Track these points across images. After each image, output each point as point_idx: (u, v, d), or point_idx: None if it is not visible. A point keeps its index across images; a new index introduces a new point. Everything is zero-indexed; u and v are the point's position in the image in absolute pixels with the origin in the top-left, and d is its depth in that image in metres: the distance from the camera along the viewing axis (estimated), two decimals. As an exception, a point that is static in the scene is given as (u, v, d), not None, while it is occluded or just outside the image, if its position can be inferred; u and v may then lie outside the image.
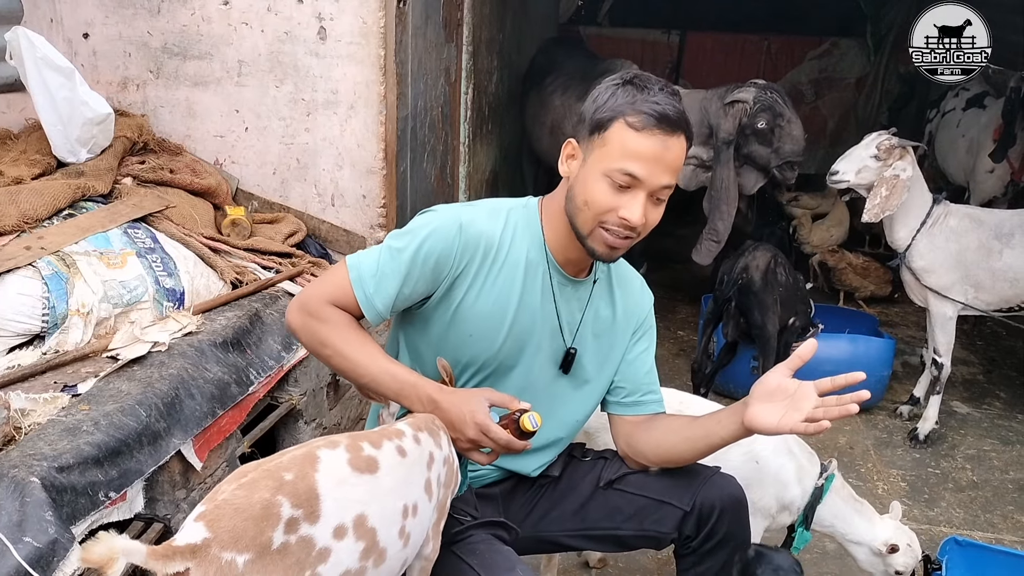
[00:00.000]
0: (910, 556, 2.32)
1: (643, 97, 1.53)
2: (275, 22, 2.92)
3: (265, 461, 1.22)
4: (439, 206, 1.68)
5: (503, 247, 1.64)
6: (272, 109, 3.02)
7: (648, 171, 1.52)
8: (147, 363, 1.97)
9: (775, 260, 3.71)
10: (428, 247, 1.57)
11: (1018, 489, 3.50)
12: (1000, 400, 4.39)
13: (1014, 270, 3.58)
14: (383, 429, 1.40)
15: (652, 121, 1.51)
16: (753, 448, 2.32)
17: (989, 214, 3.76)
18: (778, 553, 1.77)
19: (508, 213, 1.67)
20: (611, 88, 1.57)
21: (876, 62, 7.93)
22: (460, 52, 3.92)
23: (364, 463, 1.28)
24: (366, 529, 1.24)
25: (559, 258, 1.69)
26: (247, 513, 1.12)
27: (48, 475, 1.51)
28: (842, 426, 3.98)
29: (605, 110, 1.55)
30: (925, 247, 3.66)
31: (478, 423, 1.48)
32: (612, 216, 1.55)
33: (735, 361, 4.01)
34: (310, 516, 1.18)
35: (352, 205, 3.09)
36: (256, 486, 1.15)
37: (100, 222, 2.34)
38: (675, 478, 1.83)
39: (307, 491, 1.19)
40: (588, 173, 1.57)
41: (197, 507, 1.14)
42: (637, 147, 1.51)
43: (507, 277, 1.64)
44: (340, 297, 1.59)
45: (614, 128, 1.53)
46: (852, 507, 2.35)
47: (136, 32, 2.99)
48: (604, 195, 1.54)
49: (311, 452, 1.24)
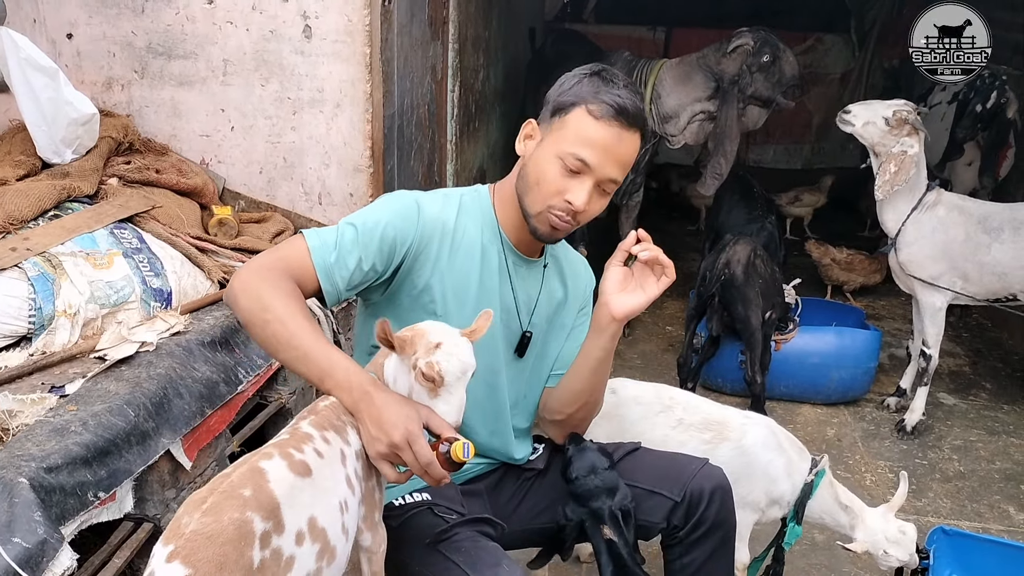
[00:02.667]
0: (901, 550, 2.32)
1: (607, 89, 1.59)
2: (260, 21, 2.91)
3: (215, 484, 1.17)
4: (395, 192, 1.70)
5: (458, 230, 1.67)
6: (258, 108, 3.01)
7: (599, 160, 1.58)
8: (135, 363, 1.96)
9: (754, 252, 3.74)
10: (387, 224, 1.58)
11: (1004, 479, 3.53)
12: (986, 391, 4.43)
13: (1002, 265, 3.61)
14: (294, 434, 1.33)
15: (611, 112, 1.57)
16: (743, 443, 2.33)
17: (977, 205, 3.78)
18: (591, 451, 1.80)
19: (460, 198, 1.72)
20: (578, 76, 1.63)
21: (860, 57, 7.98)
22: (446, 50, 3.92)
23: (300, 467, 1.26)
24: (318, 530, 1.24)
25: (513, 239, 1.74)
26: (223, 538, 1.09)
27: (36, 476, 1.51)
28: (830, 418, 4.02)
29: (569, 95, 1.61)
30: (912, 235, 3.67)
31: (409, 431, 1.35)
32: (558, 200, 1.60)
33: (719, 355, 4.04)
34: (277, 527, 1.17)
35: (339, 203, 3.09)
36: (222, 508, 1.12)
37: (86, 223, 2.33)
38: (665, 469, 1.86)
39: (269, 502, 1.17)
40: (543, 153, 1.62)
41: (161, 548, 1.09)
42: (592, 135, 1.57)
43: (465, 258, 1.67)
44: (296, 268, 1.52)
45: (574, 113, 1.59)
46: (839, 503, 2.35)
47: (120, 32, 2.98)
48: (555, 176, 1.60)
49: (254, 465, 1.21)
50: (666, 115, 4.55)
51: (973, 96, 4.45)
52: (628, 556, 1.73)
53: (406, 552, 1.59)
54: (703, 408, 2.42)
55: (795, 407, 4.12)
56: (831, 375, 4.07)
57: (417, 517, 1.68)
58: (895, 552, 2.30)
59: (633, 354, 4.69)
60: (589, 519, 1.76)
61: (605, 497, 1.75)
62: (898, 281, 3.93)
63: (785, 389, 4.11)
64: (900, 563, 2.33)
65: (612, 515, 1.74)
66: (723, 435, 2.34)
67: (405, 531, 1.56)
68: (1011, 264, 3.60)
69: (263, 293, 1.46)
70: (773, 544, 2.45)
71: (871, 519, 2.33)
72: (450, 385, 1.42)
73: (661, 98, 4.50)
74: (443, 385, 1.41)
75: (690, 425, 2.36)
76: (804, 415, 4.06)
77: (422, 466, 1.36)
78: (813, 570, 2.85)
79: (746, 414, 2.45)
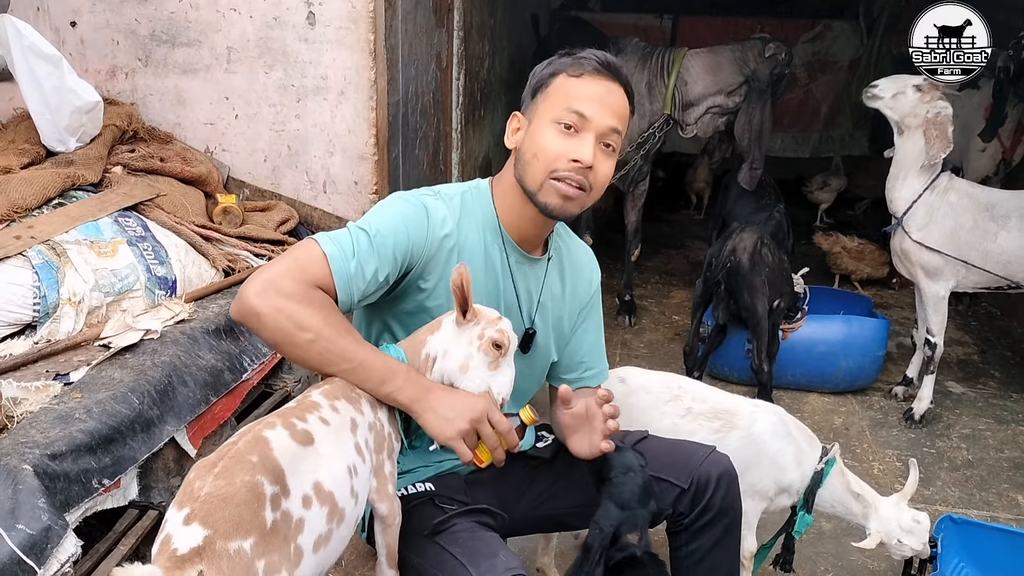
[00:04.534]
0: (914, 543, 2.30)
1: (580, 56, 1.60)
2: (263, 8, 2.89)
3: (223, 451, 1.20)
4: (399, 194, 1.65)
5: (462, 233, 1.63)
6: (262, 96, 3.00)
7: (595, 110, 1.56)
8: (139, 351, 1.96)
9: (761, 241, 3.71)
10: (400, 232, 1.54)
11: (1013, 467, 3.51)
12: (995, 380, 4.41)
13: (1007, 253, 3.57)
14: (300, 402, 1.38)
15: (593, 66, 1.57)
16: (752, 432, 2.32)
17: (987, 192, 3.74)
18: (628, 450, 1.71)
19: (462, 197, 1.68)
20: (551, 59, 1.65)
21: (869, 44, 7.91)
22: (451, 37, 3.90)
23: (302, 436, 1.28)
24: (325, 494, 1.27)
25: (514, 235, 1.69)
26: (237, 499, 1.11)
27: (41, 463, 1.51)
28: (837, 407, 4.00)
29: (545, 72, 1.62)
30: (923, 218, 3.63)
31: (486, 405, 1.45)
32: (563, 161, 1.56)
33: (726, 344, 4.02)
34: (284, 491, 1.19)
35: (344, 192, 3.08)
36: (232, 472, 1.14)
37: (90, 211, 2.32)
38: (673, 455, 1.85)
39: (275, 467, 1.20)
40: (535, 129, 1.61)
41: (175, 512, 1.11)
42: (581, 91, 1.57)
43: (468, 261, 1.60)
44: (316, 277, 1.46)
45: (556, 82, 1.59)
46: (851, 492, 2.34)
47: (124, 20, 2.97)
48: (553, 141, 1.56)
49: (258, 434, 1.23)
50: (688, 102, 4.57)
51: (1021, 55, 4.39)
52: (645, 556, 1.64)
53: (405, 543, 1.58)
54: (712, 397, 2.40)
55: (802, 396, 4.11)
56: (839, 364, 4.04)
57: (418, 508, 1.67)
58: (909, 542, 2.28)
59: (639, 343, 4.67)
60: (625, 525, 1.62)
61: (643, 500, 1.64)
62: (899, 267, 3.89)
63: (792, 378, 4.09)
64: (913, 553, 2.31)
65: (645, 521, 1.63)
66: (732, 424, 2.33)
67: (405, 522, 1.56)
68: (1016, 252, 3.57)
69: (294, 311, 1.40)
70: (781, 532, 2.44)
71: (884, 508, 2.31)
72: (510, 355, 1.51)
73: (687, 85, 4.50)
74: (507, 354, 1.50)
75: (699, 414, 2.34)
76: (811, 404, 4.04)
77: (502, 433, 1.46)
78: (820, 559, 2.84)
79: (755, 403, 2.44)
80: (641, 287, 5.56)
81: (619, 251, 5.28)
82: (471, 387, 1.50)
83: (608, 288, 5.47)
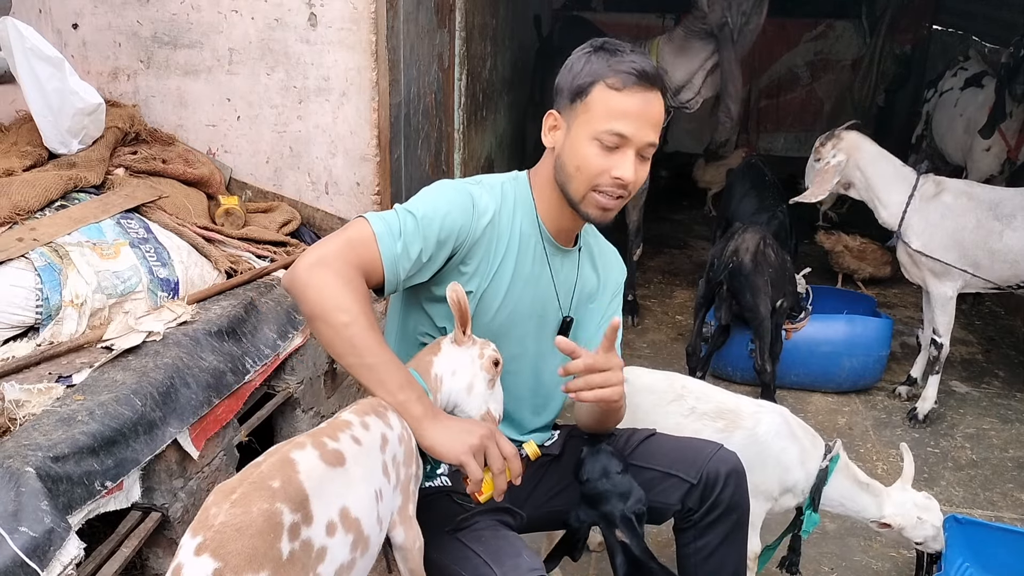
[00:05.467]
0: (926, 528, 2.32)
1: (617, 60, 1.57)
2: (265, 9, 2.89)
3: (245, 474, 1.17)
4: (445, 181, 1.69)
5: (503, 222, 1.67)
6: (264, 97, 3.00)
7: (635, 128, 1.57)
8: (142, 353, 1.96)
9: (764, 241, 3.71)
10: (446, 215, 1.58)
11: (1017, 467, 3.50)
12: (999, 379, 4.40)
13: (1015, 252, 3.57)
14: (331, 423, 1.35)
15: (632, 79, 1.56)
16: (755, 432, 2.31)
17: (987, 191, 3.73)
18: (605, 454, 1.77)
19: (502, 187, 1.72)
20: (584, 56, 1.62)
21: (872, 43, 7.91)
22: (453, 38, 3.89)
23: (333, 457, 1.25)
24: (351, 520, 1.23)
25: (551, 228, 1.74)
26: (252, 529, 1.08)
27: (43, 465, 1.51)
28: (841, 407, 3.99)
29: (583, 76, 1.59)
30: (919, 225, 3.64)
31: (492, 428, 1.47)
32: (605, 177, 1.59)
33: (729, 344, 4.02)
34: (306, 519, 1.16)
35: (346, 193, 3.08)
36: (251, 499, 1.11)
37: (93, 213, 2.32)
38: (681, 452, 1.86)
39: (298, 494, 1.16)
40: (575, 139, 1.61)
41: (189, 539, 1.08)
42: (621, 106, 1.56)
43: (506, 250, 1.68)
44: (365, 258, 1.50)
45: (595, 92, 1.57)
46: (858, 485, 2.35)
47: (126, 21, 2.97)
48: (595, 158, 1.59)
49: (285, 456, 1.21)
50: (678, 87, 4.64)
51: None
52: (642, 554, 1.69)
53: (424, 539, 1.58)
54: (715, 397, 2.40)
55: (806, 395, 4.10)
56: (842, 363, 4.04)
57: (436, 502, 1.68)
58: (929, 517, 2.32)
59: (642, 343, 4.67)
60: (602, 522, 1.73)
61: (617, 501, 1.71)
62: (908, 275, 3.90)
63: (796, 378, 4.08)
64: (934, 530, 2.33)
65: (625, 518, 1.70)
66: (736, 423, 2.33)
67: (423, 516, 1.56)
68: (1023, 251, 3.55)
69: (338, 292, 1.44)
70: (787, 533, 2.43)
71: (895, 493, 2.35)
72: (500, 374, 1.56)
73: (668, 73, 4.54)
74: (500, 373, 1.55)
75: (703, 414, 2.34)
76: (815, 404, 4.03)
77: (508, 457, 1.45)
78: (824, 559, 2.84)
79: (759, 402, 2.43)
80: (644, 287, 5.55)
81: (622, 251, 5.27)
82: (473, 406, 1.54)
83: (611, 288, 5.47)
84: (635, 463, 1.85)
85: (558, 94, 1.65)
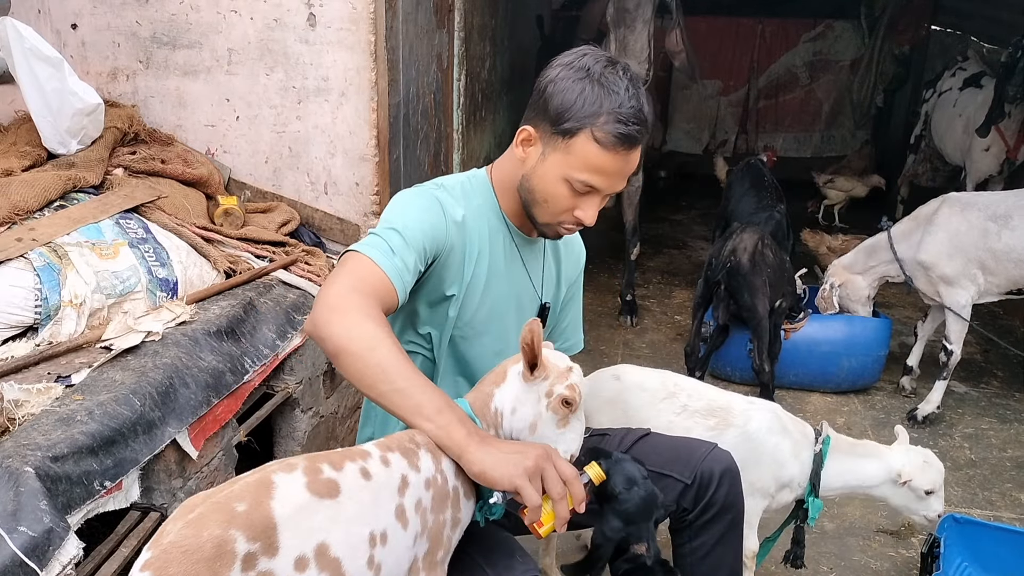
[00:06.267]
0: (933, 472, 2.33)
1: (611, 106, 1.51)
2: (264, 9, 2.89)
3: (215, 492, 1.10)
4: (408, 192, 1.66)
5: (471, 223, 1.67)
6: (263, 97, 3.00)
7: (609, 183, 1.58)
8: (141, 353, 1.96)
9: (762, 242, 3.71)
10: (424, 224, 1.57)
11: (1016, 467, 3.51)
12: (997, 379, 4.40)
13: (1017, 251, 3.60)
14: (347, 450, 1.26)
15: (619, 141, 1.52)
16: (747, 429, 2.32)
17: (977, 196, 3.89)
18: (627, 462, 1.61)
19: (463, 188, 1.72)
20: (577, 84, 1.53)
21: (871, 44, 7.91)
22: (452, 38, 3.89)
23: (324, 487, 1.16)
24: (329, 560, 1.14)
25: (516, 222, 1.75)
26: (198, 555, 1.02)
27: (42, 465, 1.51)
28: (840, 406, 3.99)
29: (572, 116, 1.52)
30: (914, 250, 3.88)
31: (548, 449, 1.34)
32: (568, 216, 1.62)
33: (728, 344, 4.02)
34: (268, 549, 1.08)
35: (345, 193, 3.08)
36: (205, 522, 1.05)
37: (92, 213, 2.32)
38: (676, 452, 1.87)
39: (263, 521, 1.08)
40: (548, 172, 1.59)
41: (145, 552, 1.04)
42: (601, 163, 1.54)
43: (479, 251, 1.68)
44: (378, 285, 1.46)
45: (580, 138, 1.53)
46: (856, 455, 2.37)
47: (125, 22, 2.97)
48: (564, 199, 1.60)
49: (265, 478, 1.13)
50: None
51: (1021, 54, 4.40)
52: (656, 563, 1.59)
53: None
54: (707, 394, 2.40)
55: (805, 395, 4.10)
56: (841, 363, 4.05)
57: None
58: (931, 460, 2.35)
59: (642, 343, 4.67)
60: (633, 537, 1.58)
61: (647, 512, 1.58)
62: (926, 299, 4.03)
63: (795, 377, 4.09)
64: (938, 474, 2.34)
65: (651, 532, 1.59)
66: (728, 421, 2.33)
67: None
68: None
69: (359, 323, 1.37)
70: (787, 524, 2.43)
71: (896, 449, 2.38)
72: (580, 410, 1.42)
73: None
74: (576, 410, 1.40)
75: (695, 411, 2.35)
76: (814, 403, 4.04)
77: (568, 480, 1.32)
78: (823, 559, 2.84)
79: (750, 400, 2.44)
80: (643, 287, 5.56)
81: (621, 251, 5.28)
82: None
83: (610, 288, 5.47)
84: None
85: (538, 109, 1.58)
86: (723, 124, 8.49)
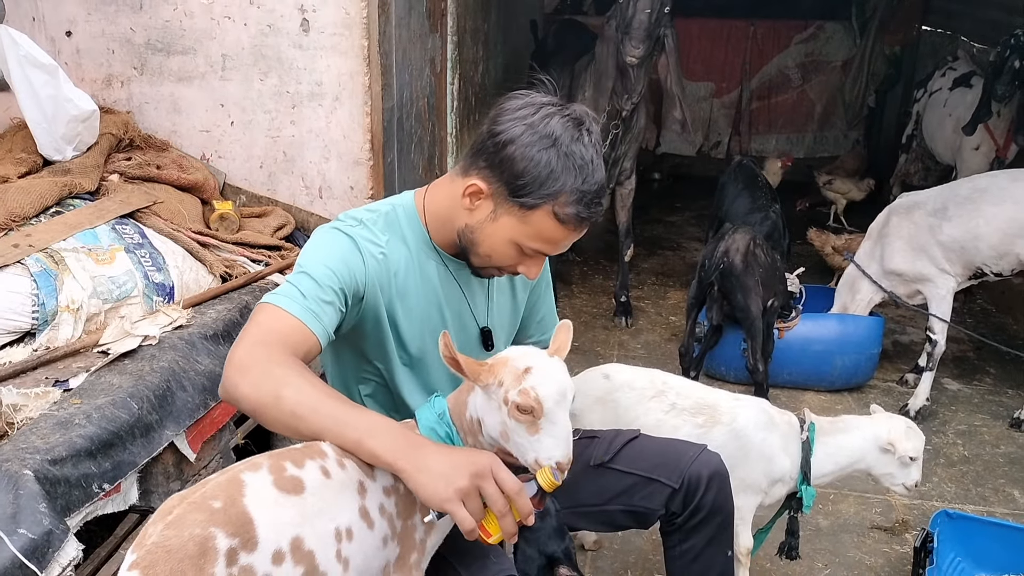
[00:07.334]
0: (915, 437, 2.34)
1: (575, 184, 1.46)
2: (257, 15, 2.91)
3: (188, 493, 1.14)
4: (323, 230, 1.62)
5: (395, 255, 1.62)
6: (257, 103, 3.02)
7: (558, 249, 1.58)
8: (138, 357, 1.97)
9: (754, 242, 3.74)
10: (335, 264, 1.52)
11: (1009, 463, 3.53)
12: (990, 376, 4.43)
13: (958, 240, 3.75)
14: (306, 447, 1.28)
15: (580, 221, 1.50)
16: (735, 426, 2.33)
17: (918, 194, 4.02)
18: None
19: (386, 218, 1.65)
20: (542, 154, 1.45)
21: (862, 44, 7.94)
22: (445, 42, 3.92)
23: (289, 484, 1.20)
24: (303, 553, 1.18)
25: (450, 251, 1.68)
26: (182, 553, 1.05)
27: (41, 468, 1.52)
28: (834, 405, 4.01)
29: (534, 191, 1.46)
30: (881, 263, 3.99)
31: (492, 460, 1.28)
32: (511, 269, 1.62)
33: (722, 343, 4.04)
34: (247, 544, 1.11)
35: (340, 197, 3.10)
36: (185, 522, 1.08)
37: (88, 219, 2.34)
38: (663, 456, 1.87)
39: (240, 517, 1.12)
40: (498, 232, 1.54)
41: (129, 555, 1.07)
42: (556, 236, 1.52)
43: (404, 282, 1.63)
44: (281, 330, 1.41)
45: (540, 212, 1.48)
46: (839, 431, 2.38)
47: (119, 29, 2.99)
48: (509, 257, 1.58)
49: (235, 476, 1.17)
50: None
51: (1010, 54, 4.43)
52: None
53: None
54: (695, 392, 2.42)
55: (799, 394, 4.12)
56: (835, 362, 4.07)
57: None
58: (916, 428, 2.36)
59: (636, 344, 4.69)
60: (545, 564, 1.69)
61: (558, 540, 1.70)
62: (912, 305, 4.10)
63: (789, 376, 4.11)
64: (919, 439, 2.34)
65: (567, 554, 1.69)
66: (715, 418, 2.34)
67: None
68: (964, 237, 3.73)
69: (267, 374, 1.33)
70: (779, 514, 2.45)
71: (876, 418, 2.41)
72: (550, 413, 1.29)
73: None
74: (543, 415, 1.28)
75: (683, 409, 2.36)
76: (808, 402, 4.06)
77: (511, 494, 1.27)
78: (818, 555, 2.86)
79: (736, 396, 2.45)
80: (638, 288, 5.57)
81: (615, 252, 5.30)
82: (519, 455, 1.34)
83: (604, 290, 5.49)
84: (617, 468, 1.86)
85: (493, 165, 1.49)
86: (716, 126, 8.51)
